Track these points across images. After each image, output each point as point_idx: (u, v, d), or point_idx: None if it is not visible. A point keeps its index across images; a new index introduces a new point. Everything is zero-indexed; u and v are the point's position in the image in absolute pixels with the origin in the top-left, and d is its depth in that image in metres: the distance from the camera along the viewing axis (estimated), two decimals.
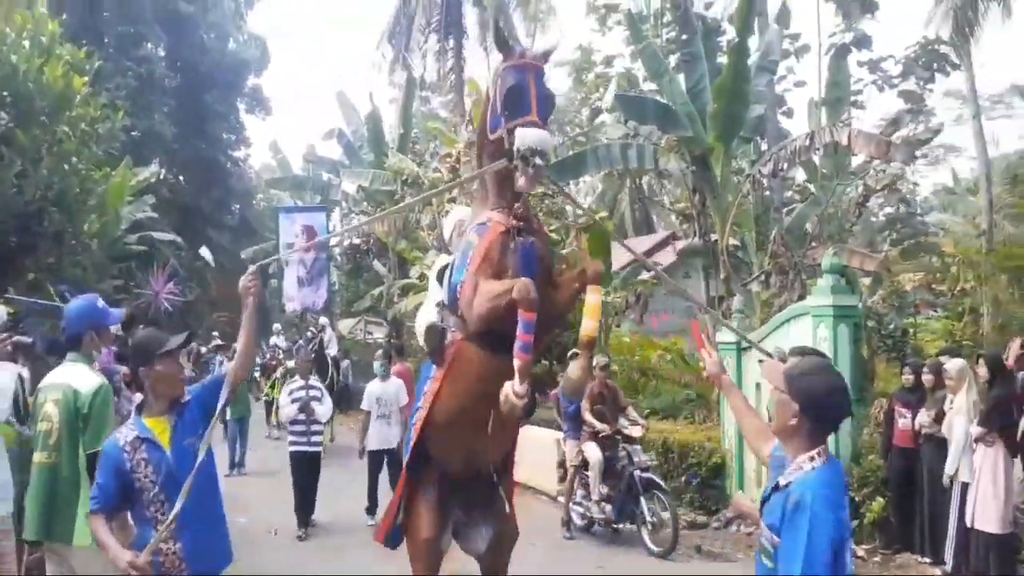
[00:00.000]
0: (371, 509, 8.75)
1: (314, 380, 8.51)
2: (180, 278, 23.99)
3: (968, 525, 6.70)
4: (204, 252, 18.33)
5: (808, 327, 8.07)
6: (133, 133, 25.09)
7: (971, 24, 14.75)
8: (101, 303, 4.15)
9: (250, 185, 36.96)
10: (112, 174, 17.89)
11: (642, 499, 7.89)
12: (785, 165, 11.04)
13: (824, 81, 13.83)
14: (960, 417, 6.75)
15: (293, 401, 8.10)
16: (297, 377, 8.50)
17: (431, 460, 4.31)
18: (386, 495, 8.60)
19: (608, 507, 8.12)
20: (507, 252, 3.84)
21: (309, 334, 13.90)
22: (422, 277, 18.19)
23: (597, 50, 15.28)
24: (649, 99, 12.21)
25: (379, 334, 23.11)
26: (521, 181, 3.60)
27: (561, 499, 9.04)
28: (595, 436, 8.23)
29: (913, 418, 7.48)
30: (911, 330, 14.17)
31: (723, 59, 12.25)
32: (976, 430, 6.51)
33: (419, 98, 23.40)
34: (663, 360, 14.04)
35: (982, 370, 6.85)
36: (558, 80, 18.34)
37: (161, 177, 28.00)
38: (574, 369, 4.06)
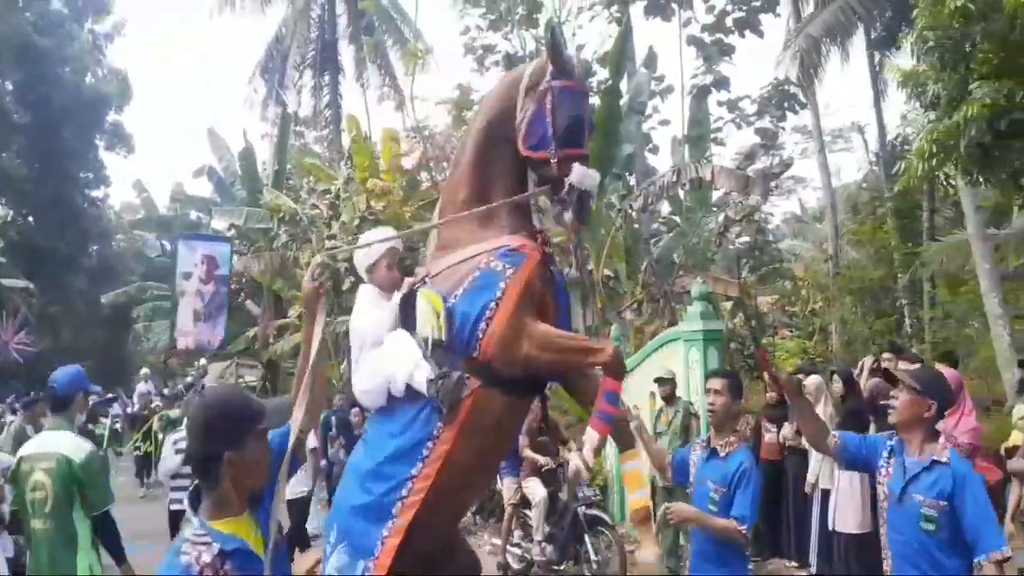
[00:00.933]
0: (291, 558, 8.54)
1: None
2: (31, 326, 22.58)
3: (830, 528, 7.30)
4: None
5: (680, 351, 8.57)
6: None
7: (815, 67, 16.17)
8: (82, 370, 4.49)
9: (109, 226, 35.20)
10: None
11: (587, 537, 7.41)
12: (653, 199, 11.71)
13: (687, 120, 14.75)
14: None
15: (178, 452, 7.47)
16: (184, 426, 8.12)
17: (412, 541, 3.33)
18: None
19: (549, 547, 7.57)
20: (546, 286, 3.47)
21: (189, 379, 13.32)
22: (301, 317, 17.88)
23: (476, 89, 15.64)
24: None
25: (252, 377, 22.43)
26: (567, 217, 3.38)
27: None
28: (537, 472, 7.76)
29: (778, 432, 8.09)
30: (770, 349, 15.17)
31: (595, 100, 12.90)
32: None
33: (293, 133, 23.15)
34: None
35: (837, 385, 7.50)
36: (438, 118, 18.62)
37: (9, 219, 26.37)
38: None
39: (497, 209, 3.55)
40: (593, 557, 7.36)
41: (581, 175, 3.35)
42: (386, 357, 3.42)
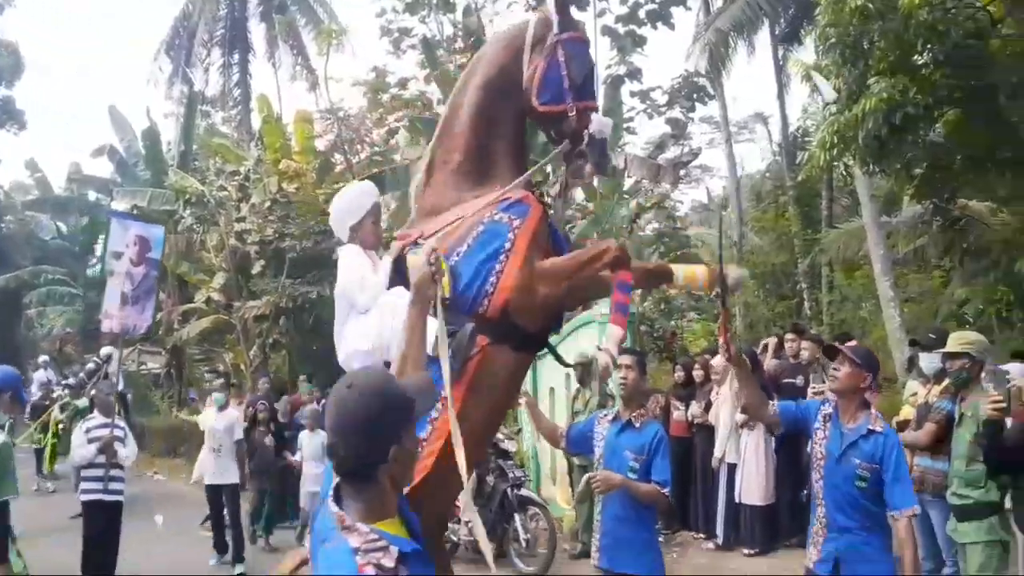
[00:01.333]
0: (220, 546, 8.45)
1: (118, 419, 7.51)
2: None
3: (737, 501, 7.66)
4: None
5: (595, 333, 8.77)
6: None
7: (723, 60, 16.73)
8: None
9: None
10: None
11: (516, 516, 7.48)
12: (568, 186, 11.86)
13: (601, 109, 14.92)
14: (725, 406, 7.69)
15: (91, 441, 7.11)
16: (96, 414, 7.47)
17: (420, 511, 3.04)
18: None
19: None
20: (546, 236, 3.48)
21: (91, 366, 12.72)
22: (209, 301, 17.43)
23: (392, 72, 15.41)
24: None
25: (154, 364, 21.70)
26: (588, 168, 3.41)
27: None
28: None
29: (686, 410, 8.41)
30: (678, 332, 15.67)
31: None
32: (740, 417, 7.41)
33: (200, 113, 22.36)
34: None
35: None
36: (354, 99, 18.33)
37: None
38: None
39: (494, 166, 3.52)
40: (523, 536, 7.46)
41: (600, 125, 3.40)
42: (386, 319, 3.23)
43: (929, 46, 7.84)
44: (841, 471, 3.62)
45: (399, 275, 3.33)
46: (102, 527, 7.11)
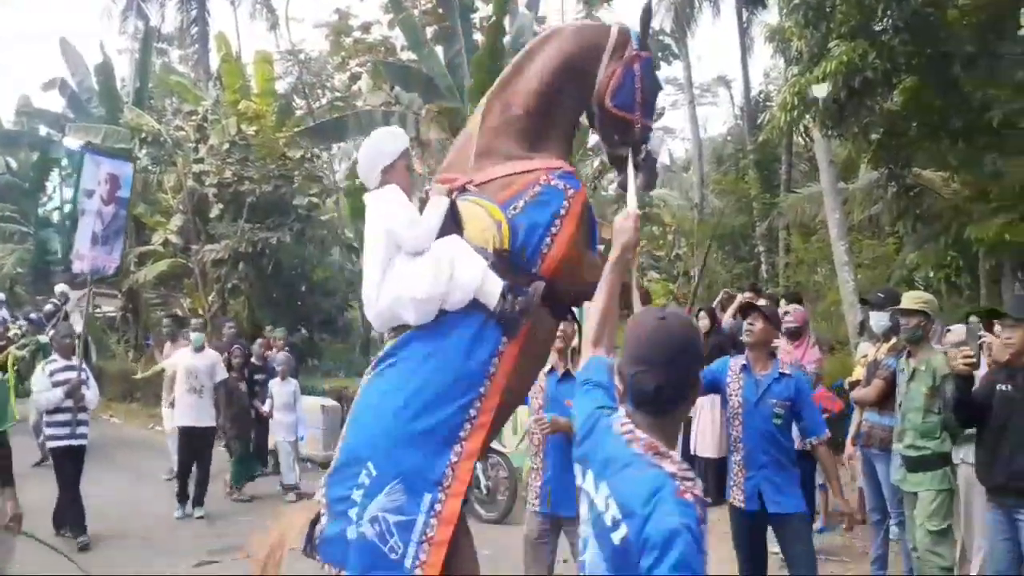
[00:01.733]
0: (183, 496, 8.04)
1: (79, 361, 7.28)
2: None
3: (692, 453, 7.88)
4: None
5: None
6: None
7: (688, 20, 16.76)
8: None
9: None
10: None
11: (477, 464, 7.45)
12: None
13: None
14: None
15: (55, 385, 6.90)
16: (57, 357, 7.23)
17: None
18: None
19: None
20: (590, 211, 3.61)
21: (49, 307, 12.38)
22: (166, 243, 17.11)
23: (355, 15, 15.07)
24: (413, 68, 12.54)
25: (109, 307, 21.32)
26: (640, 180, 3.52)
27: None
28: None
29: None
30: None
31: (478, 36, 12.86)
32: None
33: (155, 50, 21.65)
34: None
35: (704, 322, 8.03)
36: (315, 42, 17.95)
37: None
38: None
39: (547, 136, 3.58)
40: (483, 483, 7.59)
41: (658, 145, 3.65)
42: (444, 269, 3.15)
43: (889, 12, 7.97)
44: (759, 413, 4.26)
45: (451, 219, 3.29)
46: (72, 472, 7.00)
